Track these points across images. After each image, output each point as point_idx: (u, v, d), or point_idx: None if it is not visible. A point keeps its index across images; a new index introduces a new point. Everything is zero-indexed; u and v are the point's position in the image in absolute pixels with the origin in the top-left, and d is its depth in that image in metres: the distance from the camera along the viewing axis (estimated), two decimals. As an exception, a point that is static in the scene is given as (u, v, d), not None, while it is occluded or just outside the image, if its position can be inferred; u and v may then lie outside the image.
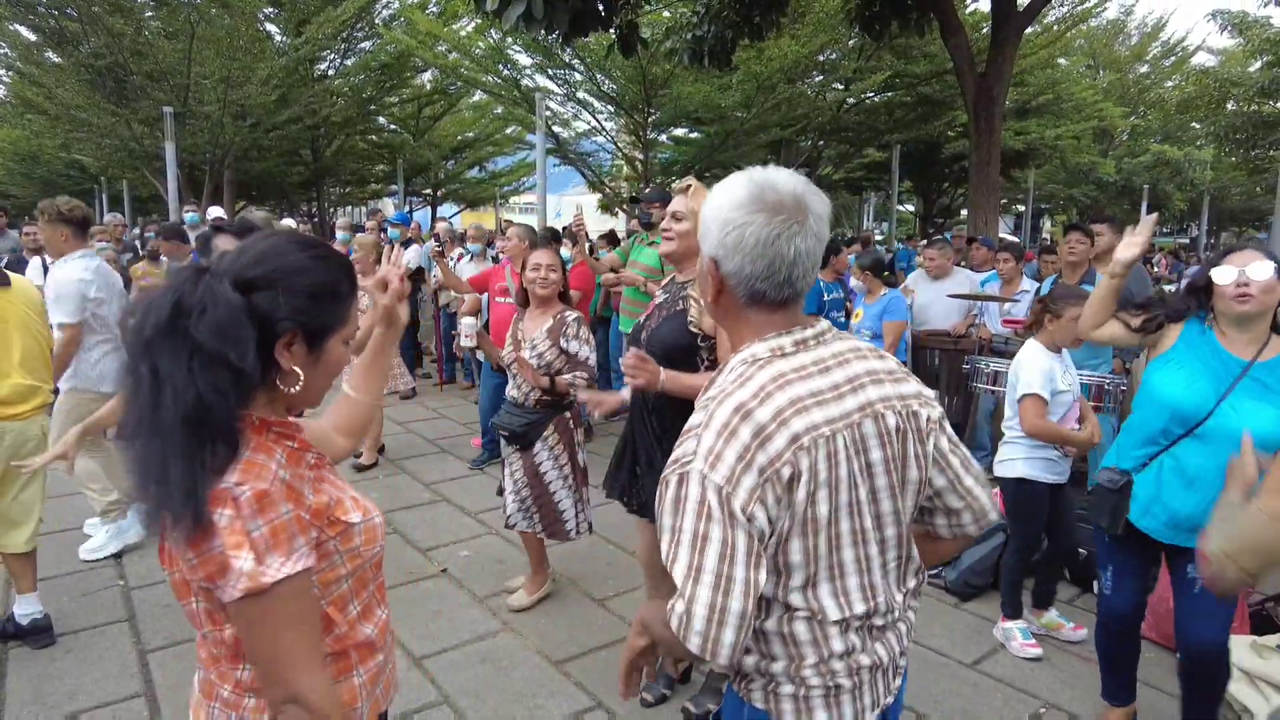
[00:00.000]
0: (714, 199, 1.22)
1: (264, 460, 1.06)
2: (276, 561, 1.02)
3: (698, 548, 1.08)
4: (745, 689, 1.26)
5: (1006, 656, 3.18)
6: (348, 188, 22.48)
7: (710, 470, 1.08)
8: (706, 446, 1.10)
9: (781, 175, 1.20)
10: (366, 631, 1.25)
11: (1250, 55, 15.75)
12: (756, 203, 1.17)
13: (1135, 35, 25.33)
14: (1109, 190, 21.87)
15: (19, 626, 3.09)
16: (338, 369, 1.21)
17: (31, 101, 14.05)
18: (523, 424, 3.27)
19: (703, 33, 7.44)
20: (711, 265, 1.22)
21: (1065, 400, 3.11)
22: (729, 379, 1.18)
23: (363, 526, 1.20)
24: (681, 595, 1.09)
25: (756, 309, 1.22)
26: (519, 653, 3.12)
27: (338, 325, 1.17)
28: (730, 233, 1.17)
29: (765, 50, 10.83)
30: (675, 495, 1.11)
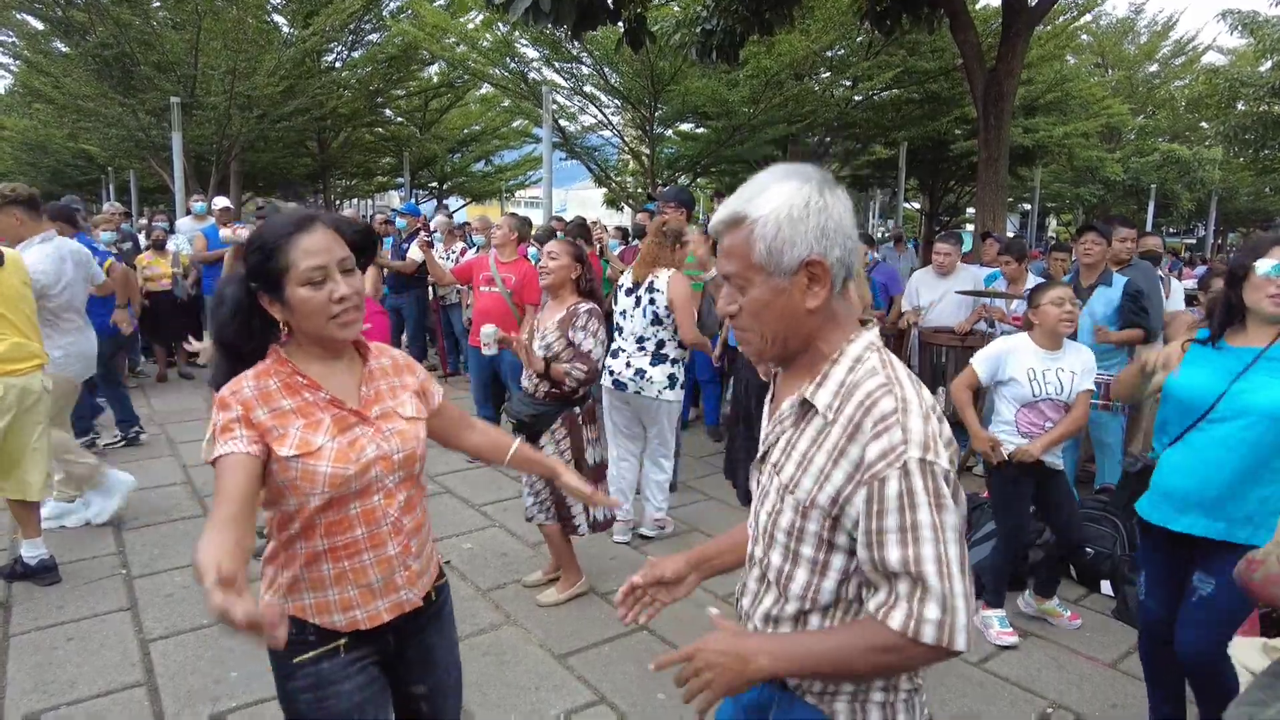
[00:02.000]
0: (785, 196, 1.12)
1: (244, 378, 1.43)
2: (220, 444, 1.36)
3: (941, 539, 1.03)
4: (828, 703, 1.17)
5: (1014, 656, 3.16)
6: (354, 180, 22.45)
7: (933, 456, 1.04)
8: (919, 433, 1.05)
9: (807, 166, 1.16)
10: (296, 546, 1.48)
11: (1261, 55, 15.64)
12: (819, 185, 1.13)
13: (1145, 34, 25.17)
14: (1116, 190, 21.76)
15: (27, 566, 3.46)
16: (309, 310, 1.40)
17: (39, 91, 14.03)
18: (530, 414, 3.25)
19: (711, 27, 7.39)
20: (818, 267, 1.11)
21: (1017, 391, 3.21)
22: (875, 364, 1.13)
23: (299, 464, 1.41)
24: (932, 591, 1.02)
25: (844, 295, 1.18)
26: (522, 646, 3.11)
27: (282, 274, 1.39)
28: (824, 218, 1.11)
29: (774, 46, 10.77)
30: (899, 490, 1.03)
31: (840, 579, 1.14)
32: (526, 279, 5.01)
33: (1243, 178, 23.36)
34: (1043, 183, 19.79)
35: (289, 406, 1.43)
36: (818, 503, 1.12)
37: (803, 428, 1.17)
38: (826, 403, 1.13)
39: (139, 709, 2.65)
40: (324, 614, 1.49)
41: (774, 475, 1.21)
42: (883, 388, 1.09)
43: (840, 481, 1.09)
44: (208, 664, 2.89)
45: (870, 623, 1.07)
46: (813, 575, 1.16)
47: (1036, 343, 3.23)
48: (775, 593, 1.21)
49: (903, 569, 1.03)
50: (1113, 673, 3.06)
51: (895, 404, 1.07)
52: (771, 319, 1.16)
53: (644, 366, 3.98)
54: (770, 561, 1.21)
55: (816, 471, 1.12)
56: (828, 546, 1.13)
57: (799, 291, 1.13)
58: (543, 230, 7.04)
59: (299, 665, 1.49)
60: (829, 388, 1.14)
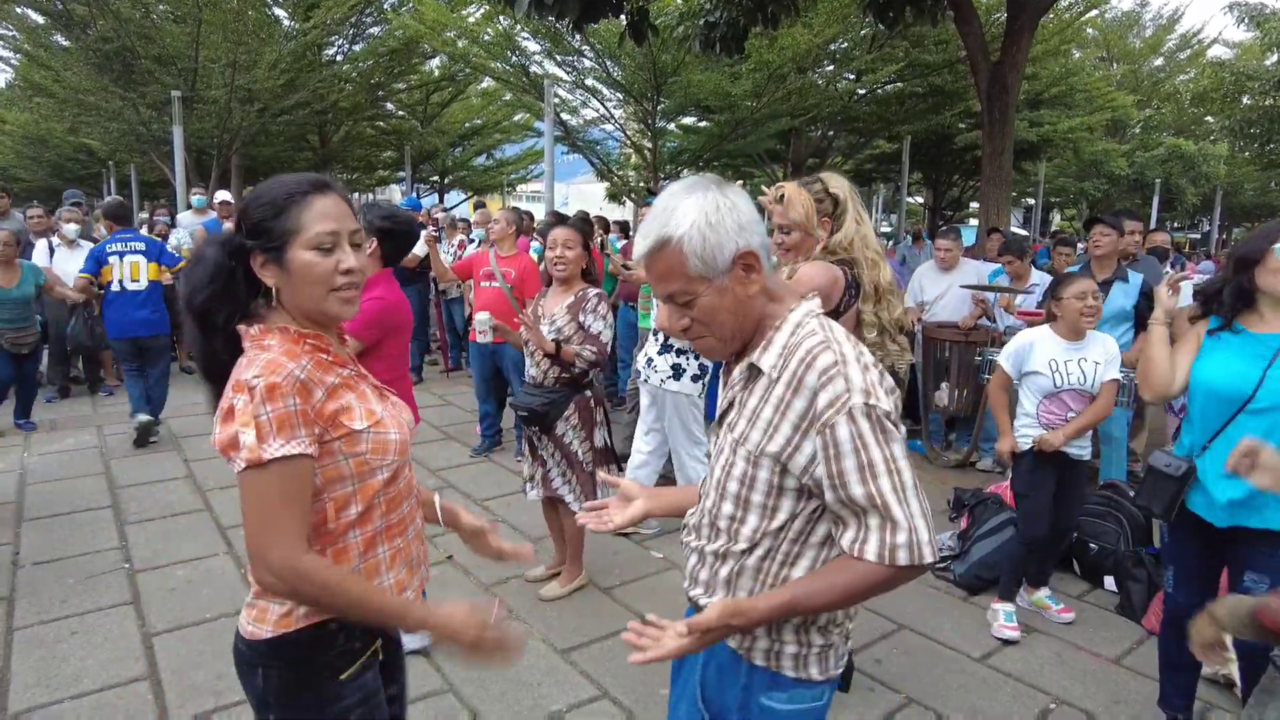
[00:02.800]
0: (697, 207, 1.22)
1: (285, 361, 1.24)
2: (277, 443, 1.20)
3: (894, 470, 1.17)
4: (745, 647, 1.31)
5: (1017, 651, 3.15)
6: (355, 174, 22.40)
7: (874, 400, 1.17)
8: (859, 381, 1.18)
9: (696, 176, 1.29)
10: (351, 535, 1.35)
11: (1267, 49, 15.54)
12: (718, 190, 1.24)
13: (1150, 27, 25.03)
14: (1120, 184, 21.67)
15: None
16: (312, 277, 1.29)
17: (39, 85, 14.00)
18: (542, 403, 3.24)
19: (715, 20, 7.35)
20: (749, 257, 1.23)
21: (1040, 383, 3.20)
22: (814, 326, 1.26)
23: (371, 435, 1.32)
24: (898, 521, 1.16)
25: (775, 272, 1.31)
26: (524, 642, 3.10)
27: (289, 235, 1.27)
28: (736, 214, 1.23)
29: (777, 39, 10.71)
30: (850, 433, 1.16)
31: (786, 519, 1.27)
32: (527, 273, 5.00)
33: (1248, 172, 23.27)
34: (1047, 177, 19.71)
35: (334, 380, 1.31)
36: (767, 451, 1.24)
37: (751, 388, 1.29)
38: (771, 363, 1.25)
39: (142, 703, 2.65)
40: None
41: (727, 433, 1.33)
42: (821, 344, 1.21)
43: (788, 432, 1.22)
44: (210, 658, 2.89)
45: (848, 560, 1.21)
46: (762, 519, 1.28)
47: (1058, 334, 3.23)
48: (725, 538, 1.33)
49: (868, 503, 1.17)
50: (1116, 669, 3.05)
51: (835, 358, 1.19)
52: (725, 318, 1.27)
53: (653, 355, 4.03)
54: (721, 510, 1.33)
55: (765, 424, 1.24)
56: (777, 491, 1.26)
57: (739, 284, 1.25)
58: (543, 224, 7.01)
59: (347, 681, 1.36)
60: (773, 351, 1.26)
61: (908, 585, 3.49)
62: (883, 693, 2.84)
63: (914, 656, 3.09)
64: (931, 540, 1.18)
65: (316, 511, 1.30)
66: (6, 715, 2.58)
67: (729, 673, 1.34)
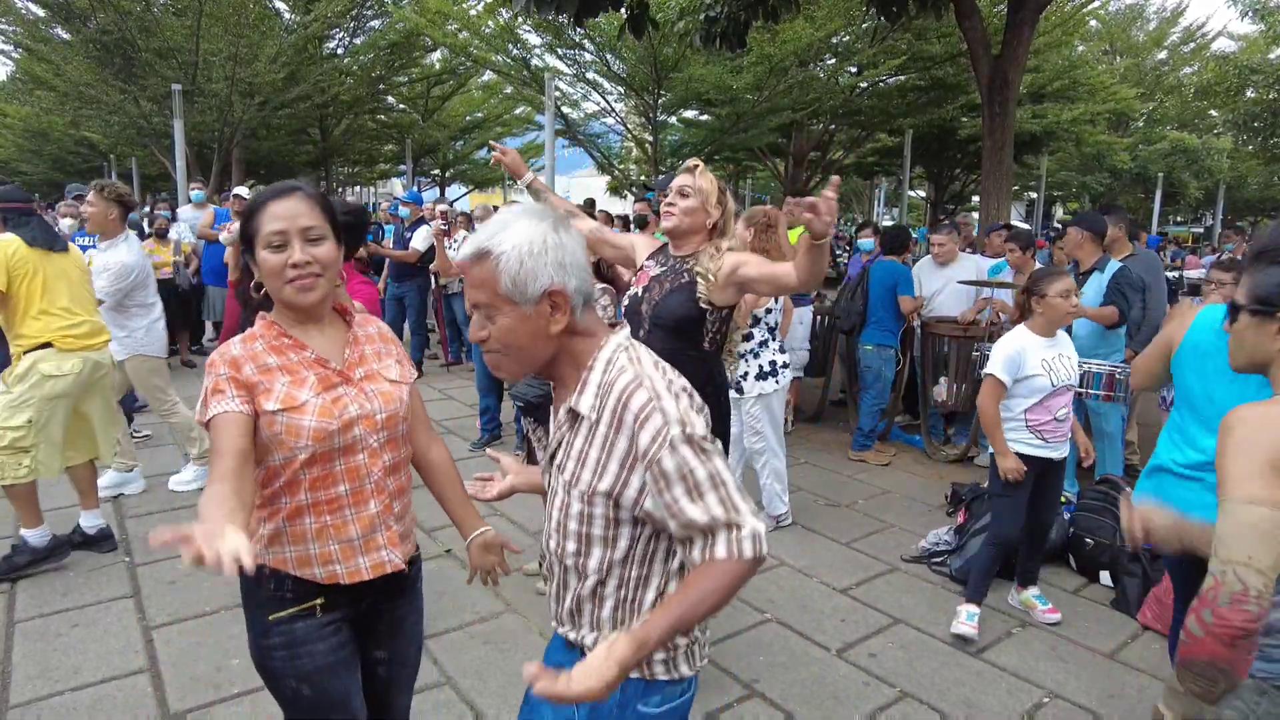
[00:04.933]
0: (525, 233, 1.26)
1: (232, 341, 1.53)
2: (211, 405, 1.44)
3: (719, 484, 1.22)
4: (647, 667, 1.35)
5: (1011, 645, 3.16)
6: (356, 167, 22.42)
7: (690, 427, 1.23)
8: (674, 413, 1.23)
9: (536, 207, 1.34)
10: (281, 500, 1.53)
11: (1272, 42, 15.49)
12: (552, 227, 1.28)
13: (1154, 20, 24.92)
14: (1123, 178, 21.62)
15: (86, 535, 3.71)
16: (267, 271, 1.49)
17: (40, 78, 14.02)
18: (538, 394, 3.26)
19: (716, 13, 7.33)
20: (559, 296, 1.26)
21: (1038, 385, 3.14)
22: (622, 361, 1.29)
23: (284, 418, 1.47)
24: (736, 524, 1.21)
25: (587, 312, 1.33)
26: (522, 634, 3.13)
27: (254, 236, 1.49)
28: (561, 253, 1.26)
29: (779, 32, 10.68)
30: (676, 463, 1.21)
31: (629, 545, 1.32)
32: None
33: (1251, 166, 23.19)
34: (1049, 171, 19.67)
35: (274, 364, 1.51)
36: (598, 490, 1.28)
37: (577, 429, 1.33)
38: (590, 405, 1.29)
39: (142, 695, 2.67)
40: (305, 567, 1.55)
41: (558, 474, 1.36)
42: (633, 382, 1.25)
43: (615, 469, 1.26)
44: (210, 651, 2.91)
45: (707, 566, 1.23)
46: (605, 549, 1.32)
47: (1037, 332, 3.19)
48: (576, 576, 1.37)
49: (705, 520, 1.21)
50: (1110, 663, 3.07)
51: (649, 395, 1.24)
52: (520, 343, 1.30)
53: (750, 371, 4.07)
54: (566, 549, 1.36)
55: (593, 465, 1.29)
56: (614, 524, 1.30)
57: (542, 319, 1.28)
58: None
59: (274, 623, 1.55)
60: (589, 393, 1.30)
61: (903, 580, 3.49)
62: (877, 687, 2.85)
63: (909, 651, 3.10)
64: (761, 532, 1.24)
65: (263, 471, 1.53)
66: (7, 707, 2.60)
67: None
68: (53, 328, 3.46)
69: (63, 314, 3.49)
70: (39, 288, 3.42)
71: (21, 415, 3.39)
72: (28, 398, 3.41)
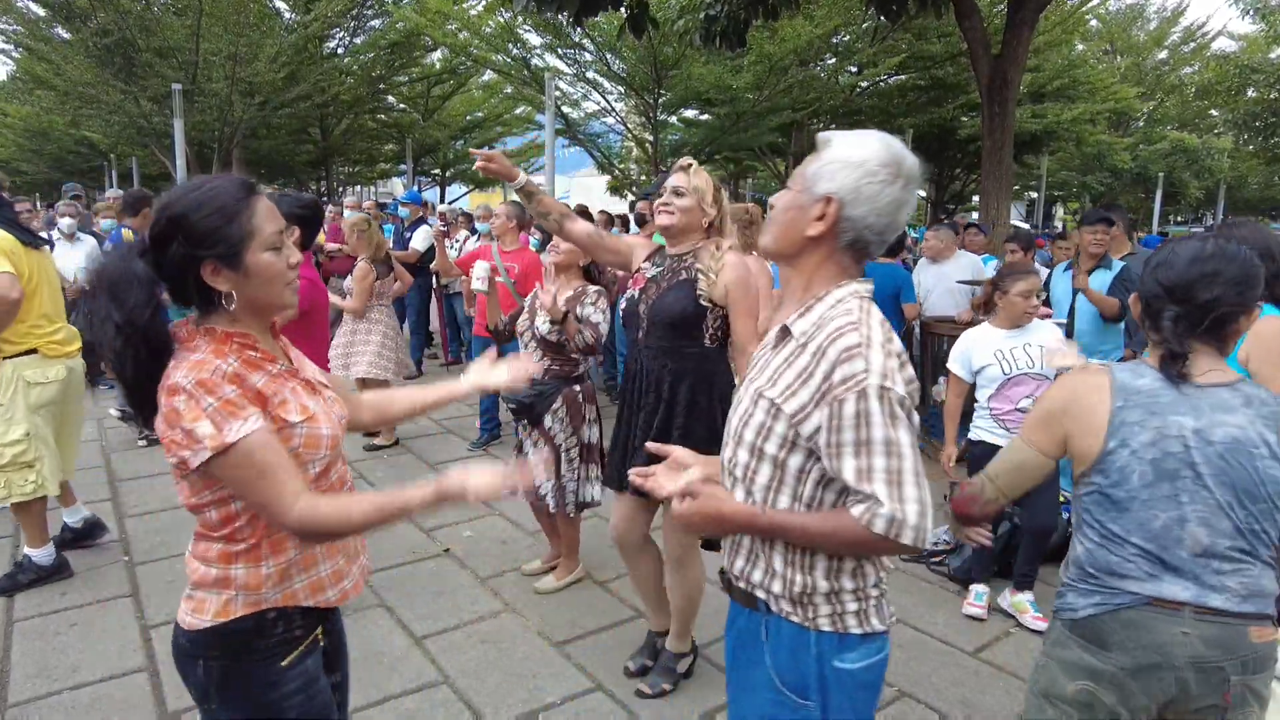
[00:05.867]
0: (855, 148, 1.30)
1: (211, 359, 1.29)
2: (234, 425, 1.25)
3: (893, 453, 1.21)
4: (810, 618, 1.35)
5: (1009, 645, 3.16)
6: (356, 167, 22.42)
7: (890, 383, 1.22)
8: (879, 364, 1.22)
9: (907, 151, 1.32)
10: (289, 538, 1.39)
11: (1272, 42, 15.48)
12: (896, 167, 1.29)
13: (1154, 20, 24.90)
14: (1123, 178, 21.60)
15: (75, 530, 3.71)
16: (272, 275, 1.34)
17: (40, 78, 14.03)
18: (530, 395, 3.26)
19: (715, 12, 7.33)
20: (834, 205, 1.30)
21: (990, 374, 3.30)
22: (853, 306, 1.29)
23: (304, 430, 1.36)
24: (883, 499, 1.20)
25: (849, 255, 1.35)
26: (520, 634, 3.13)
27: (245, 240, 1.30)
28: (871, 184, 1.28)
29: (779, 31, 10.68)
30: (857, 410, 1.21)
31: (796, 478, 1.32)
32: (530, 267, 5.00)
33: (1251, 166, 23.18)
34: (1049, 171, 19.65)
35: (261, 380, 1.34)
36: (784, 410, 1.29)
37: (779, 349, 1.36)
38: (802, 330, 1.32)
39: (140, 694, 2.67)
40: (318, 593, 1.44)
41: (749, 385, 1.39)
42: (850, 324, 1.26)
43: (805, 398, 1.27)
44: (208, 650, 2.91)
45: (838, 511, 1.27)
46: (774, 470, 1.33)
47: (997, 326, 3.31)
48: (743, 490, 1.38)
49: (856, 480, 1.22)
50: (1109, 662, 3.06)
51: (860, 339, 1.23)
52: (782, 220, 1.37)
53: None
54: (738, 459, 1.38)
55: (784, 386, 1.30)
56: (790, 446, 1.31)
57: (807, 216, 1.32)
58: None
59: (288, 668, 1.41)
60: (808, 319, 1.32)
61: (902, 580, 3.48)
62: (875, 686, 2.85)
63: (907, 650, 3.10)
64: (918, 526, 1.21)
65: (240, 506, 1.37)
66: (6, 706, 2.60)
67: (800, 649, 1.36)
68: (38, 333, 3.29)
69: (45, 320, 3.32)
70: (30, 290, 3.24)
71: (16, 429, 3.24)
72: (13, 409, 3.24)
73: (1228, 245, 1.52)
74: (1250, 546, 1.45)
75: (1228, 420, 1.46)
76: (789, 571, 1.34)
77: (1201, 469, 1.45)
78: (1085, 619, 1.55)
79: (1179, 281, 1.51)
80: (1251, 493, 1.44)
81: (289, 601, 1.41)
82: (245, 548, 1.37)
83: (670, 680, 2.75)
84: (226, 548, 1.37)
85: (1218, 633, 1.44)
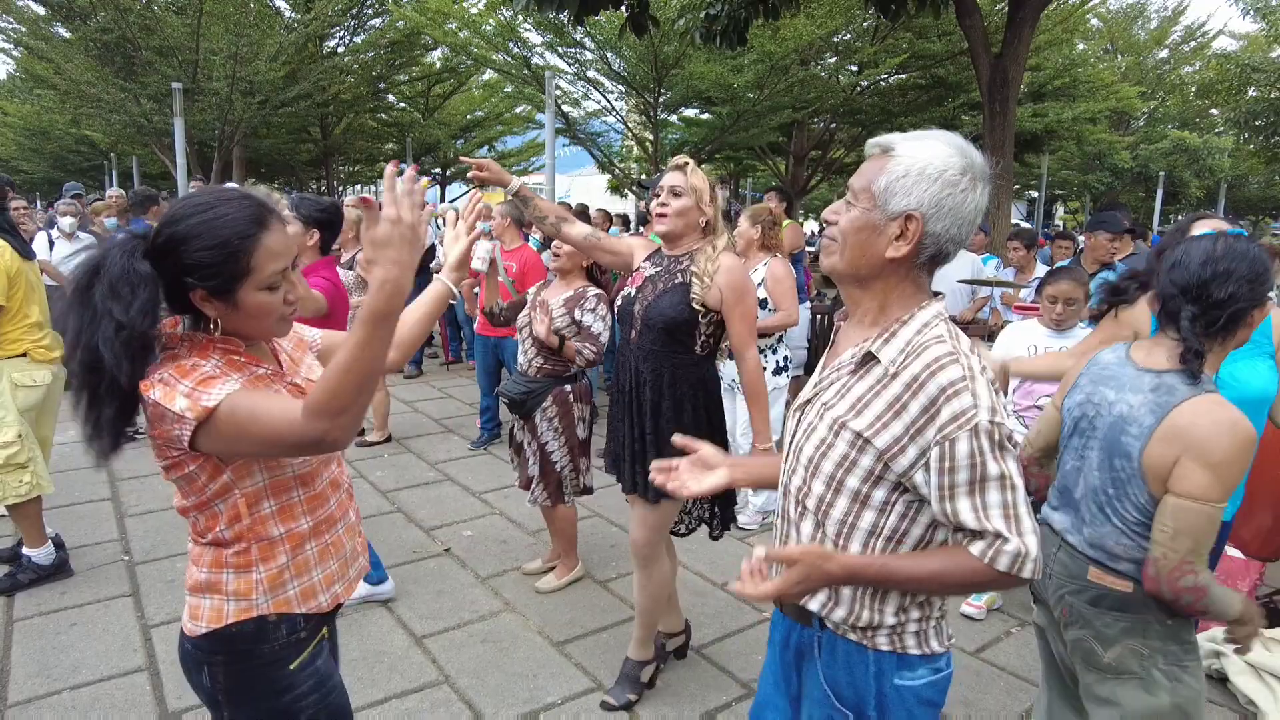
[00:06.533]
0: (928, 156, 1.22)
1: (194, 360, 1.26)
2: (214, 390, 1.19)
3: (1008, 487, 1.18)
4: (868, 637, 1.32)
5: (1010, 645, 3.16)
6: (357, 166, 22.39)
7: (999, 418, 1.18)
8: (986, 399, 1.18)
9: (972, 147, 1.25)
10: (273, 531, 1.36)
11: (1273, 41, 15.46)
12: (970, 172, 1.22)
13: (1155, 19, 24.87)
14: (1124, 177, 21.58)
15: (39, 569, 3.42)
16: (263, 313, 1.30)
17: (41, 77, 14.02)
18: (521, 391, 3.26)
19: (716, 11, 7.32)
20: (915, 223, 1.22)
21: None
22: (942, 332, 1.23)
23: None
24: (1007, 534, 1.17)
25: (926, 270, 1.29)
26: (520, 633, 3.13)
27: (241, 278, 1.25)
28: (953, 195, 1.21)
29: (779, 30, 10.66)
30: (971, 450, 1.16)
31: (879, 511, 1.26)
32: (529, 265, 5.01)
33: (1252, 165, 23.15)
34: (1050, 170, 19.63)
35: (243, 380, 1.29)
36: (873, 444, 1.22)
37: (861, 375, 1.27)
38: (891, 358, 1.24)
39: (141, 694, 2.67)
40: (310, 599, 1.42)
41: (824, 412, 1.31)
42: (949, 355, 1.19)
43: (898, 432, 1.20)
44: (209, 650, 2.91)
45: (954, 549, 1.22)
46: (853, 504, 1.27)
47: (1043, 325, 3.33)
48: (813, 521, 1.32)
49: (974, 519, 1.17)
50: (1110, 662, 3.06)
51: (963, 371, 1.18)
52: (854, 242, 1.26)
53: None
54: (811, 490, 1.32)
55: (872, 417, 1.23)
56: (874, 480, 1.25)
57: (886, 237, 1.24)
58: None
59: (299, 669, 1.40)
60: (895, 345, 1.24)
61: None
62: (876, 686, 2.85)
63: (908, 650, 3.10)
64: (1038, 557, 1.18)
65: (229, 508, 1.33)
66: (6, 705, 2.60)
67: (857, 665, 1.34)
68: (29, 338, 3.34)
69: (34, 327, 3.36)
70: (23, 295, 3.30)
71: (9, 430, 3.24)
72: (5, 410, 3.25)
73: (1236, 244, 1.60)
74: (1107, 502, 1.67)
75: (1130, 399, 1.65)
76: (856, 607, 1.31)
77: (1099, 432, 1.69)
78: None
79: (1193, 282, 1.60)
80: (1112, 461, 1.66)
81: (281, 608, 1.39)
82: (234, 553, 1.36)
83: (635, 690, 2.68)
84: (217, 553, 1.36)
85: (1067, 559, 1.75)
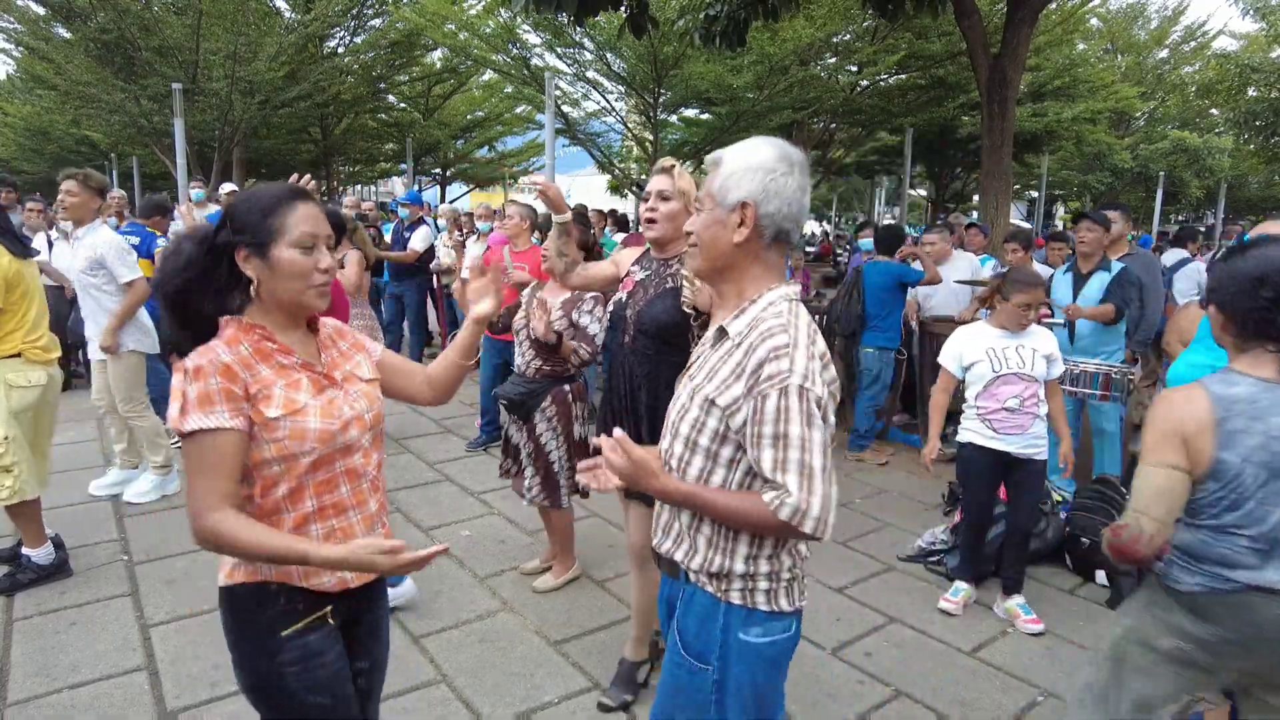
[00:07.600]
0: (749, 154, 1.43)
1: (219, 346, 1.42)
2: (195, 417, 1.37)
3: (806, 449, 1.31)
4: (723, 589, 1.46)
5: (1006, 644, 3.17)
6: (357, 166, 22.38)
7: (810, 384, 1.33)
8: (802, 365, 1.33)
9: (791, 145, 1.44)
10: (282, 509, 1.49)
11: (1273, 41, 15.45)
12: (787, 160, 1.42)
13: (1155, 19, 24.85)
14: (1124, 177, 21.56)
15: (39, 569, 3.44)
16: (294, 270, 1.45)
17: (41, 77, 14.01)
18: (521, 393, 3.27)
19: (715, 12, 7.32)
20: (750, 208, 1.41)
21: (978, 371, 3.31)
22: (783, 309, 1.40)
23: (287, 423, 1.44)
24: (793, 490, 1.31)
25: (774, 251, 1.46)
26: (518, 633, 3.14)
27: (276, 236, 1.44)
28: (774, 179, 1.40)
29: (779, 31, 10.67)
30: (778, 406, 1.31)
31: (727, 467, 1.43)
32: (539, 269, 5.00)
33: (1252, 165, 23.12)
34: (1050, 170, 19.60)
35: (266, 370, 1.45)
36: (717, 404, 1.40)
37: (716, 349, 1.47)
38: (737, 330, 1.43)
39: (140, 693, 2.68)
40: (313, 575, 1.52)
41: (688, 381, 1.51)
42: (780, 326, 1.37)
43: (738, 392, 1.38)
44: (208, 649, 2.92)
45: (750, 493, 1.39)
46: (706, 461, 1.44)
47: (994, 325, 3.32)
48: (676, 478, 1.48)
49: (772, 471, 1.32)
50: (1105, 662, 3.07)
51: (788, 340, 1.34)
52: (708, 240, 1.47)
53: None
54: (674, 451, 1.50)
55: (720, 381, 1.41)
56: (720, 439, 1.42)
57: (729, 227, 1.43)
58: (543, 218, 7.02)
59: (287, 638, 1.50)
60: (743, 320, 1.43)
61: (899, 579, 3.48)
62: (872, 685, 2.86)
63: (904, 650, 3.11)
64: (820, 518, 1.31)
65: (247, 488, 1.47)
66: (6, 704, 2.61)
67: (708, 617, 1.47)
68: (25, 339, 3.31)
69: (31, 326, 3.33)
70: (19, 296, 3.26)
71: None
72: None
73: None
74: None
75: None
76: (710, 553, 1.45)
77: None
78: (1188, 594, 1.76)
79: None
80: None
81: (283, 578, 1.50)
82: (256, 516, 1.47)
83: (631, 691, 2.69)
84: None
85: None
